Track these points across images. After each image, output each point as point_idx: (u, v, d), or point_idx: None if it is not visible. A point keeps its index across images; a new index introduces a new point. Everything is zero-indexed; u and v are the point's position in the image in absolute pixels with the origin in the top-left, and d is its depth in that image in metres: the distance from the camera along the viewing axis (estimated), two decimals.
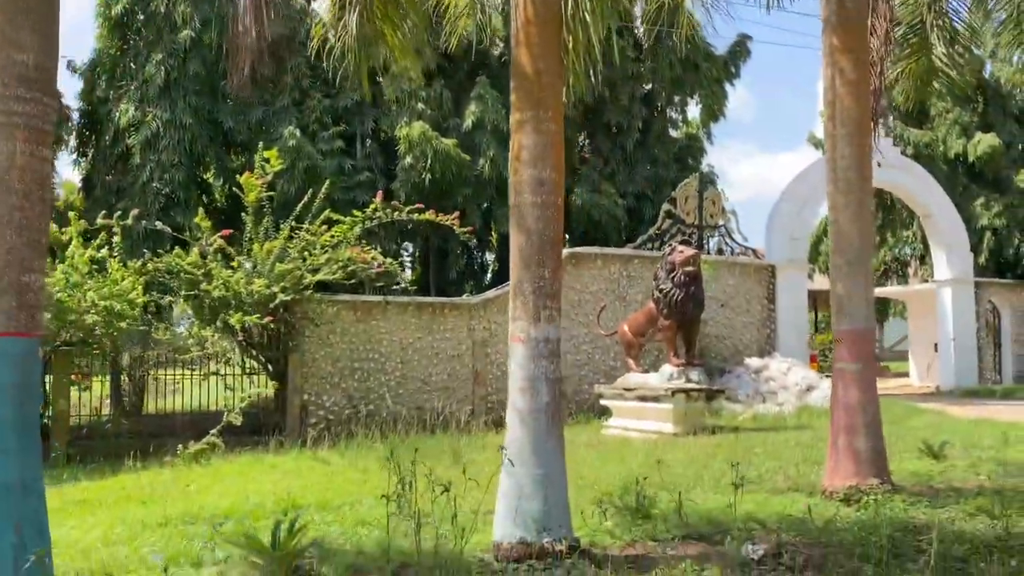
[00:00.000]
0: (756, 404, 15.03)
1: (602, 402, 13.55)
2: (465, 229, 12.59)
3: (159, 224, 12.15)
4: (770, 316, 17.90)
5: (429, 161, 15.02)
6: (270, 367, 12.84)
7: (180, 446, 9.62)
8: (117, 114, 14.97)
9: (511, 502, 5.46)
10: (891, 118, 27.26)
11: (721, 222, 18.17)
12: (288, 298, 11.67)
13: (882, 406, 14.58)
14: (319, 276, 12.12)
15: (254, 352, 12.74)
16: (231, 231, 12.03)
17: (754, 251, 18.41)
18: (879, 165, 19.73)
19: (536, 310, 5.53)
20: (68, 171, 21.74)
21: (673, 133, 20.68)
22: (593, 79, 6.73)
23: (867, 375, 6.98)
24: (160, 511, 7.23)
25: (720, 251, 18.16)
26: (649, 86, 19.60)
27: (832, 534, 5.95)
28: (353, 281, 12.37)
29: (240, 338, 12.19)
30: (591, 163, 18.60)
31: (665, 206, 17.25)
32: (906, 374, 25.88)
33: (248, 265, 12.01)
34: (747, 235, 18.26)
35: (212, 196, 16.77)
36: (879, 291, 24.87)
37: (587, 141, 19.56)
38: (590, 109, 18.91)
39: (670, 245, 12.67)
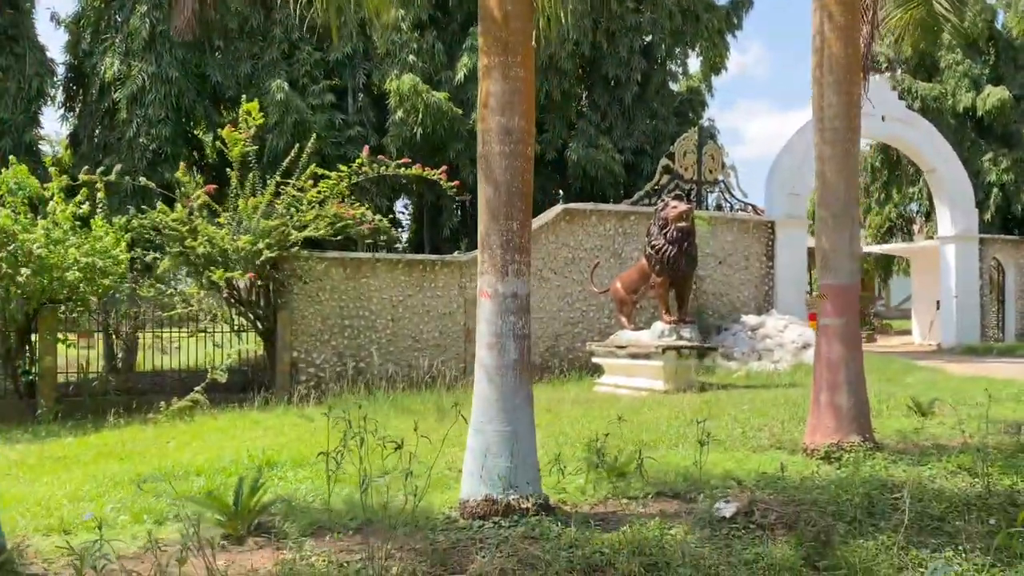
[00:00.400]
0: (751, 362, 14.92)
1: (594, 360, 13.45)
2: (452, 184, 12.34)
3: (143, 180, 11.95)
4: (768, 273, 17.69)
5: (420, 115, 14.71)
6: (259, 324, 12.75)
7: (163, 403, 9.56)
8: (102, 68, 14.69)
9: (478, 459, 5.38)
10: (898, 71, 26.69)
11: (720, 177, 17.87)
12: (273, 255, 11.52)
13: (878, 363, 14.62)
14: (306, 233, 11.94)
15: (243, 309, 12.64)
16: (216, 186, 11.82)
17: (754, 207, 18.12)
18: (883, 119, 19.45)
19: (504, 264, 5.36)
20: (56, 126, 21.50)
21: (673, 87, 20.25)
22: (564, 20, 6.46)
23: (850, 331, 6.81)
24: (134, 468, 7.19)
25: (719, 207, 17.91)
26: (649, 38, 19.13)
27: (808, 492, 5.84)
28: (340, 238, 12.20)
29: (226, 295, 12.08)
30: (588, 117, 18.24)
31: (663, 161, 16.95)
32: (909, 332, 25.67)
33: (234, 222, 11.84)
34: (753, 192, 18.05)
35: (203, 151, 16.51)
36: (883, 248, 24.61)
37: (585, 94, 19.16)
38: (588, 61, 18.53)
39: (662, 200, 12.42)
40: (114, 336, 12.42)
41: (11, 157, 11.15)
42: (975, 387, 11.54)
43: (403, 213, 20.09)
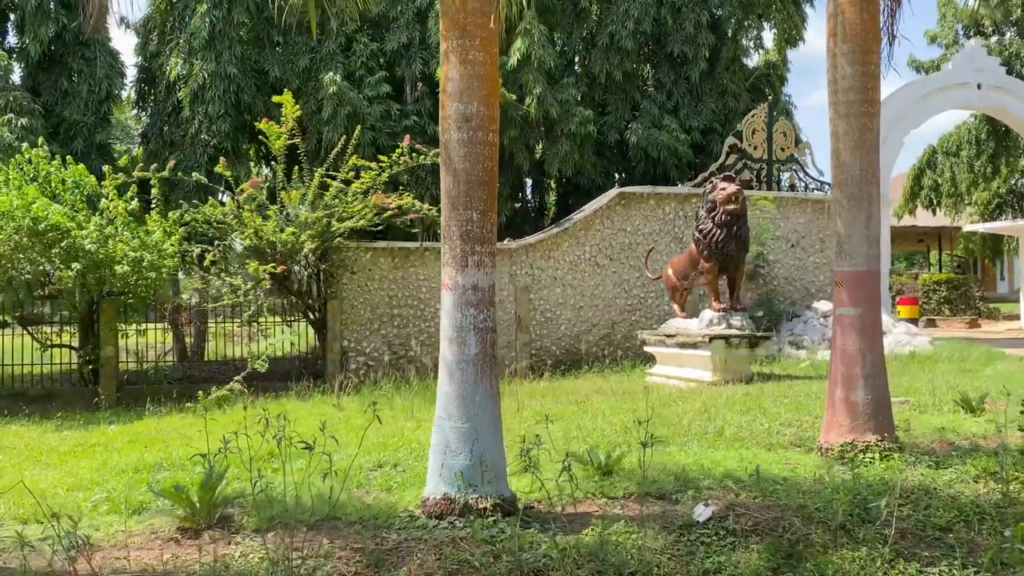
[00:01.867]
0: (820, 351, 14.11)
1: (646, 349, 13.03)
2: None
3: (194, 175, 12.34)
4: None
5: None
6: (311, 314, 13.00)
7: (200, 393, 9.85)
8: (168, 68, 15.27)
9: (438, 457, 5.24)
10: (1008, 34, 24.64)
11: (795, 155, 16.96)
12: (315, 246, 11.68)
13: (959, 351, 13.54)
14: (348, 224, 12.05)
15: (295, 300, 12.91)
16: (260, 180, 12.09)
17: (830, 185, 17.09)
18: (979, 87, 17.97)
19: (463, 255, 5.17)
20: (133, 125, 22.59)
21: (747, 62, 19.33)
22: (528, 3, 6.14)
23: (868, 321, 6.25)
24: (149, 457, 7.42)
25: (792, 187, 17.02)
26: (718, 11, 18.32)
27: (803, 495, 5.41)
28: (380, 227, 12.24)
29: (277, 286, 12.35)
30: (652, 97, 17.65)
31: (729, 140, 16.22)
32: (1018, 317, 23.77)
33: (282, 215, 12.08)
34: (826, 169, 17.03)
35: (268, 146, 16.99)
36: (987, 227, 22.84)
37: (651, 73, 18.54)
38: (651, 39, 17.93)
39: (710, 182, 11.83)
40: (170, 326, 12.93)
41: (68, 157, 11.69)
42: None
43: None
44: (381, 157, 12.12)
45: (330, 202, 12.21)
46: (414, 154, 11.99)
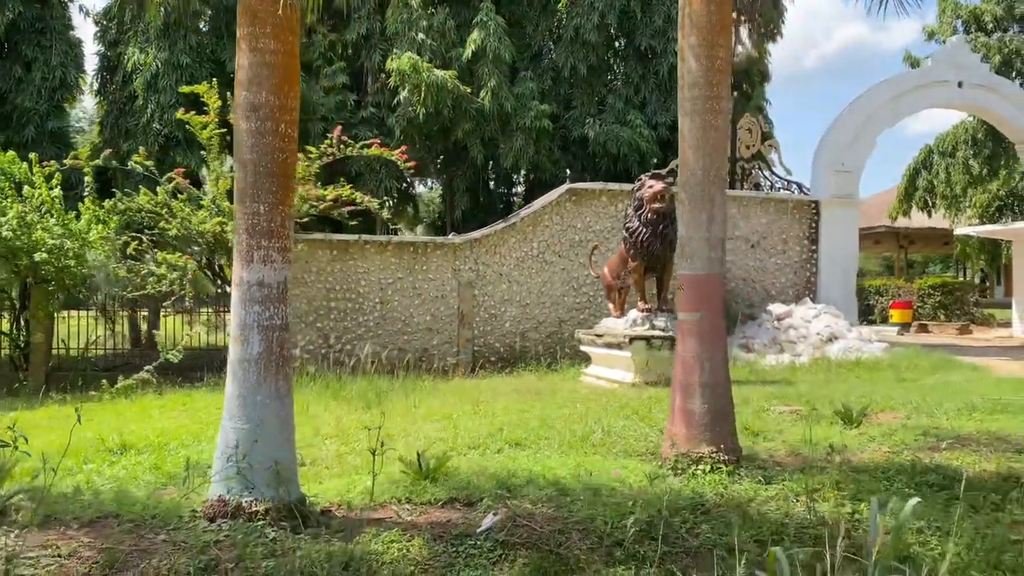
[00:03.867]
0: (770, 355, 13.76)
1: (582, 348, 12.81)
2: (409, 164, 12.00)
3: (131, 161, 12.33)
4: (811, 258, 16.26)
5: (422, 94, 14.40)
6: None
7: (104, 381, 9.86)
8: (126, 57, 15.31)
9: (220, 458, 5.10)
10: (1011, 31, 23.83)
11: (766, 154, 16.57)
12: None
13: (912, 359, 13.11)
14: None
15: (226, 288, 12.87)
16: (184, 169, 12.06)
17: (799, 185, 16.71)
18: (960, 86, 17.36)
19: (248, 250, 5.01)
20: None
21: None
22: None
23: (707, 327, 5.99)
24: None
25: (757, 185, 16.62)
26: None
27: (602, 507, 5.21)
28: (309, 219, 12.13)
29: (209, 275, 12.33)
30: (619, 92, 17.32)
31: None
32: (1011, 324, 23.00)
33: (214, 205, 12.05)
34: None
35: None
36: (979, 230, 22.13)
37: (620, 67, 18.21)
38: (620, 32, 17.60)
39: (639, 179, 11.55)
40: (99, 313, 12.97)
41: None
42: (1001, 391, 10.11)
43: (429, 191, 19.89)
44: (309, 148, 12.00)
45: None
46: (342, 146, 11.85)
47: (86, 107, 25.30)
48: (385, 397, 10.21)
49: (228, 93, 15.20)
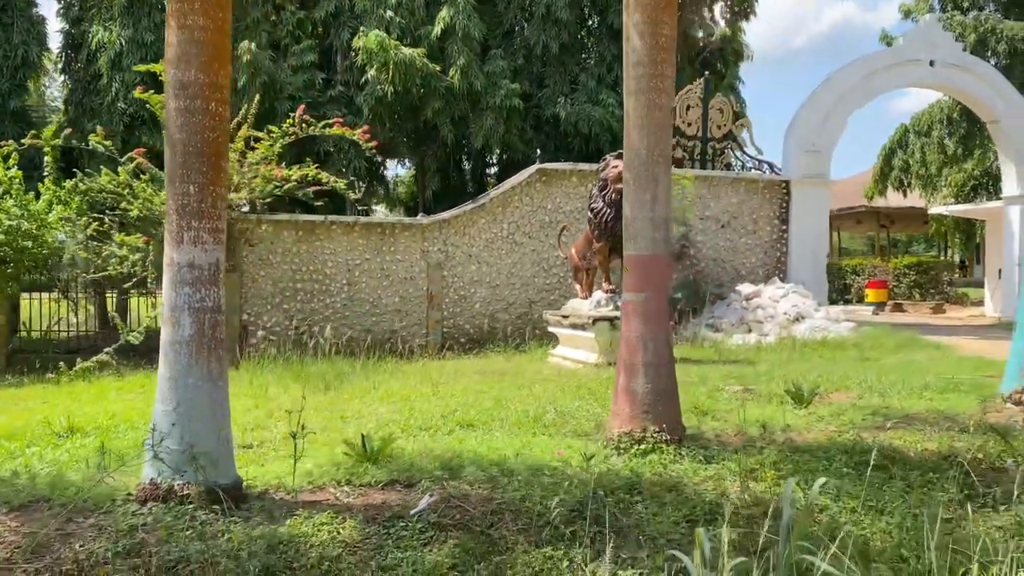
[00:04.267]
0: (736, 334, 13.80)
1: (549, 328, 12.81)
2: (371, 144, 11.89)
3: (91, 141, 12.16)
4: (781, 238, 16.29)
5: (390, 72, 14.25)
6: None
7: (62, 364, 9.78)
8: (90, 35, 15.06)
9: (151, 442, 5.06)
10: (987, 10, 23.81)
11: (733, 132, 16.52)
12: None
13: (877, 338, 13.19)
14: (242, 195, 11.86)
15: None
16: (144, 150, 11.90)
17: (770, 165, 16.69)
18: (931, 64, 17.34)
19: (179, 231, 4.94)
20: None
21: (698, 36, 18.81)
22: None
23: (652, 307, 5.99)
24: None
25: (728, 165, 16.59)
26: None
27: (538, 487, 5.21)
28: (271, 198, 12.01)
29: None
30: (592, 71, 17.21)
31: None
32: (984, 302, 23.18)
33: None
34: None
35: None
36: (951, 209, 22.21)
37: (593, 45, 18.08)
38: (593, 10, 17.46)
39: (603, 159, 11.50)
40: (61, 295, 12.85)
41: None
42: (960, 370, 10.18)
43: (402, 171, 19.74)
44: (271, 128, 11.86)
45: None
46: (304, 125, 11.72)
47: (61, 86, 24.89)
48: (346, 379, 10.18)
49: None
